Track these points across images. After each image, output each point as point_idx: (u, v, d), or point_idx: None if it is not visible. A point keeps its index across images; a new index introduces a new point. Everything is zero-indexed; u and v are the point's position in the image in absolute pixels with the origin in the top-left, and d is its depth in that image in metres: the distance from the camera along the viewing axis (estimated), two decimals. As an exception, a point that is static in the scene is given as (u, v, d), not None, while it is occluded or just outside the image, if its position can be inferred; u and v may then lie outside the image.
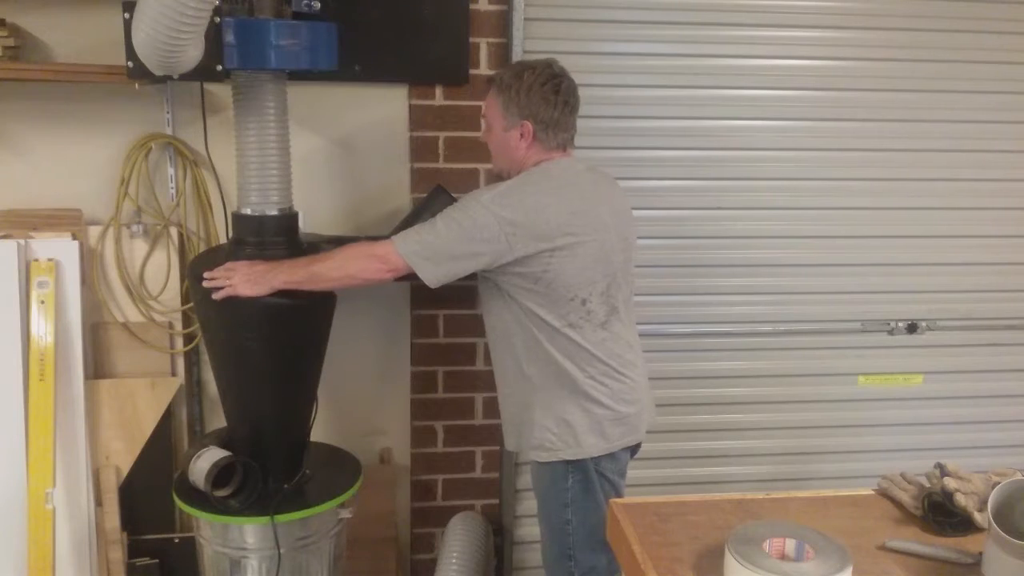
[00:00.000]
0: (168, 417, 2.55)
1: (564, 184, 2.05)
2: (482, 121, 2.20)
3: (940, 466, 1.63)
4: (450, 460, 2.82)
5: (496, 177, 2.22)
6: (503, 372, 2.18)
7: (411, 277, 2.01)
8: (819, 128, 2.74)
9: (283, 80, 2.12)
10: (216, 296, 2.04)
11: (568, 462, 2.08)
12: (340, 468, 2.43)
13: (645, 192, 2.69)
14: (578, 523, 2.10)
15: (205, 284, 2.06)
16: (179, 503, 2.25)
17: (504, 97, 2.06)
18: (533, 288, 2.01)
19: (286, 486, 2.27)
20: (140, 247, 2.50)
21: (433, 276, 1.99)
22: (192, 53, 1.88)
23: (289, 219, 2.19)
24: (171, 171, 2.49)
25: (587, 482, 2.09)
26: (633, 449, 2.19)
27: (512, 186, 2.03)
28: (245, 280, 2.04)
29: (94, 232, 2.47)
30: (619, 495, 2.12)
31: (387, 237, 2.04)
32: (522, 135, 2.06)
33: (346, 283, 2.06)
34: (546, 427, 2.08)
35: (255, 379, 2.20)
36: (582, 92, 2.11)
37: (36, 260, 2.35)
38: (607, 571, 2.11)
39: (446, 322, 2.71)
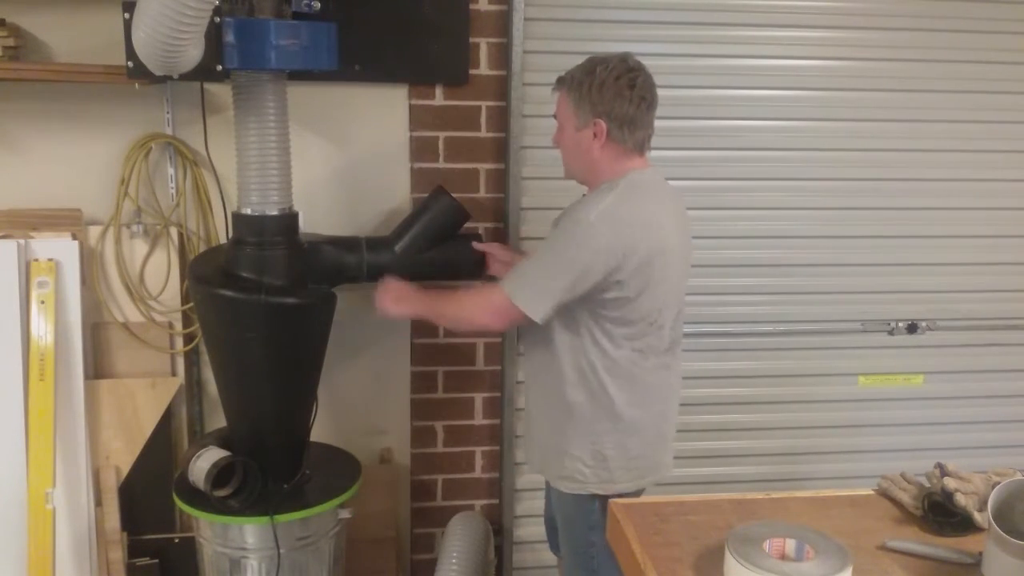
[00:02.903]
0: (168, 417, 2.55)
1: (656, 199, 1.97)
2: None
3: (940, 466, 1.63)
4: (450, 460, 2.81)
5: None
6: (541, 393, 2.09)
7: (526, 321, 1.92)
8: (819, 128, 2.74)
9: (283, 80, 2.12)
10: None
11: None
12: (340, 468, 2.43)
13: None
14: (603, 545, 2.05)
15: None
16: (179, 503, 2.25)
17: (576, 95, 1.95)
18: (616, 310, 1.93)
19: (286, 486, 2.28)
20: (140, 247, 2.50)
21: (541, 311, 1.89)
22: (192, 53, 1.88)
23: (289, 219, 2.19)
24: (171, 171, 2.49)
25: None
26: None
27: (613, 204, 1.89)
28: (394, 298, 2.15)
29: (94, 232, 2.46)
30: None
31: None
32: (595, 134, 1.95)
33: (465, 328, 2.02)
34: (579, 459, 2.02)
35: (255, 379, 2.20)
36: (581, 92, 2.09)
37: (36, 260, 2.35)
38: None
39: (446, 322, 2.71)
